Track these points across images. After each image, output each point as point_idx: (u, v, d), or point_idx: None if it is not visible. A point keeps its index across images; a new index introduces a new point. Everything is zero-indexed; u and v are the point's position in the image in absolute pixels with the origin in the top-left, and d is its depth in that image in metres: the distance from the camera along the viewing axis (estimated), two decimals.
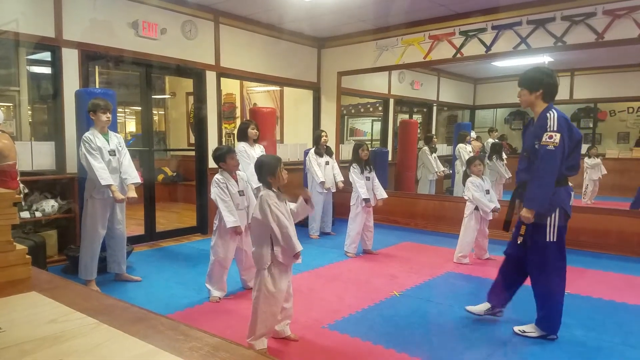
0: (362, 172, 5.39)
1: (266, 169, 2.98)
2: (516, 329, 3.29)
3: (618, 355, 2.97)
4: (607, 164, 8.48)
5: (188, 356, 0.88)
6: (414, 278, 4.57)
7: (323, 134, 6.49)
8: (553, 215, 3.08)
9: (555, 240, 3.10)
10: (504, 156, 8.59)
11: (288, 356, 2.93)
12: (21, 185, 4.17)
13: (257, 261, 2.98)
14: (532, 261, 3.19)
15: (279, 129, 8.65)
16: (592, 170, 8.46)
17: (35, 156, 4.89)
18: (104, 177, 3.97)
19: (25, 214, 4.57)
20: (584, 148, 8.93)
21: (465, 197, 5.19)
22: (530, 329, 3.26)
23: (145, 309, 1.14)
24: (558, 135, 2.96)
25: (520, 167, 3.28)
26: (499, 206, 5.13)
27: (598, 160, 8.52)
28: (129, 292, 4.15)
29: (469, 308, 3.47)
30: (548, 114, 3.04)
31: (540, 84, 3.09)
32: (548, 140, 2.98)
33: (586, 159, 8.46)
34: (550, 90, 3.12)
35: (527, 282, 3.32)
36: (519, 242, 3.17)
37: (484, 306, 3.46)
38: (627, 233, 5.53)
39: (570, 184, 3.25)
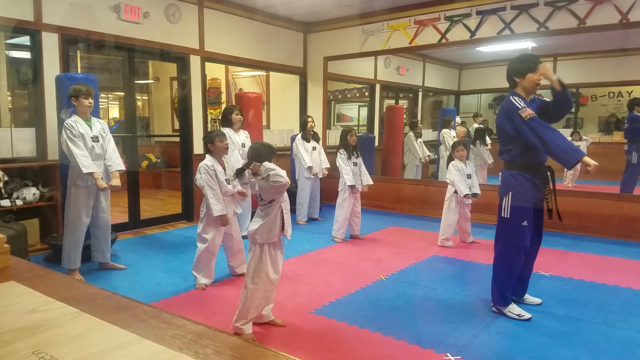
0: (349, 158, 5.38)
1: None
2: (536, 302, 3.51)
3: (599, 334, 3.04)
4: (589, 147, 8.55)
5: (170, 344, 0.87)
6: (400, 262, 4.61)
7: (309, 119, 6.47)
8: None
9: None
10: (488, 141, 8.64)
11: (275, 342, 2.94)
12: (0, 173, 4.10)
13: (264, 236, 2.91)
14: (539, 237, 3.44)
15: (266, 115, 8.59)
16: None
17: (15, 143, 4.80)
18: (86, 164, 3.90)
19: (6, 202, 4.50)
20: (567, 132, 9.05)
21: (448, 180, 5.23)
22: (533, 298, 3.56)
23: (128, 297, 1.13)
24: None
25: None
26: (478, 192, 5.20)
27: (584, 143, 8.59)
28: (114, 280, 4.12)
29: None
30: None
31: None
32: None
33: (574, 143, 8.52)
34: None
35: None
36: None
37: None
38: (608, 216, 5.63)
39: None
